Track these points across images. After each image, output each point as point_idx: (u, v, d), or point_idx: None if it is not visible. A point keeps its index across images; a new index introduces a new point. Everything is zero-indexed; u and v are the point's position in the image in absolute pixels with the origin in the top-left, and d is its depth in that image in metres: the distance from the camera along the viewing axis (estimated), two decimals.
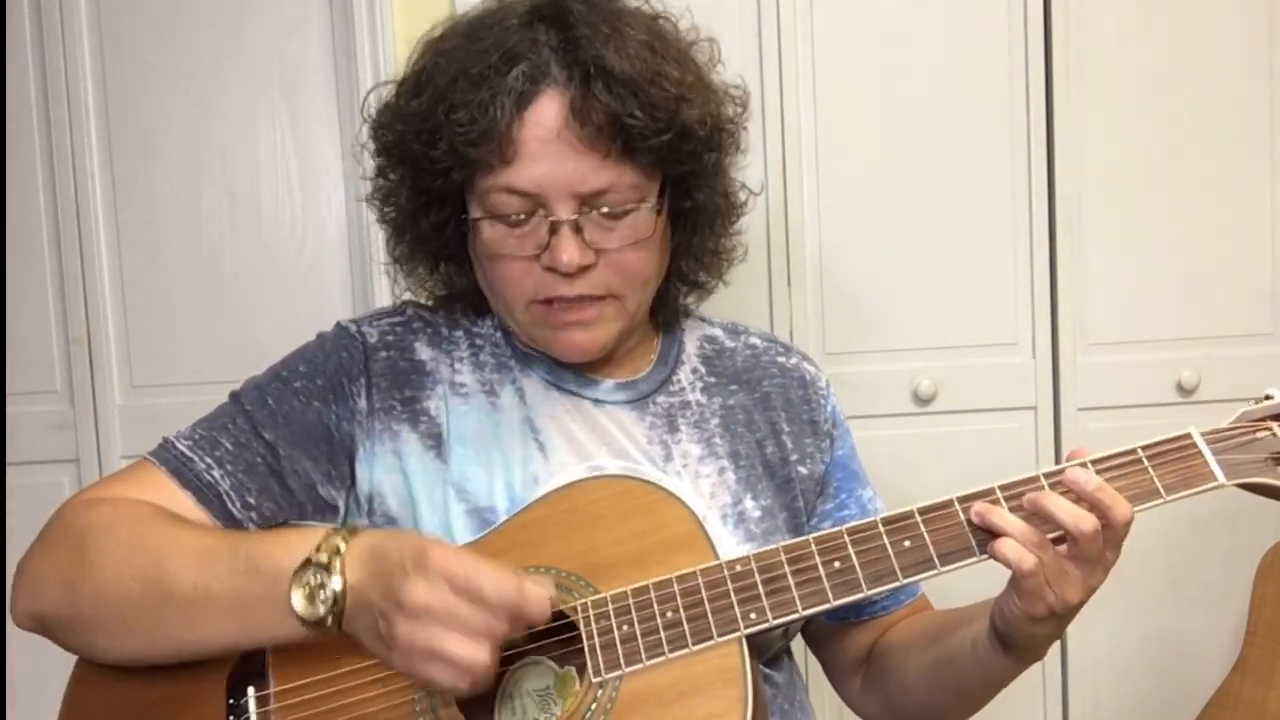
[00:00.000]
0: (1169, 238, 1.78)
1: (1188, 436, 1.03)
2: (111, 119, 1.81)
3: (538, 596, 0.92)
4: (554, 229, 1.07)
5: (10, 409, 1.82)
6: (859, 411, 1.74)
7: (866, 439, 1.44)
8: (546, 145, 1.06)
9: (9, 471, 1.77)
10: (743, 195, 1.23)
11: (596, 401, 1.16)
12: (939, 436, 1.79)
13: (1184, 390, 1.77)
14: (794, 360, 1.26)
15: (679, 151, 1.09)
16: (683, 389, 1.20)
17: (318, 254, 1.81)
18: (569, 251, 1.06)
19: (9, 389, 1.82)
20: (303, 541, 0.99)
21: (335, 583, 0.95)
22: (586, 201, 1.07)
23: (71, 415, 1.83)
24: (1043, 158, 1.77)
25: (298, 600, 0.96)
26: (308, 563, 0.97)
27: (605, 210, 1.08)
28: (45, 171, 1.82)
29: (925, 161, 1.77)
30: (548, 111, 1.06)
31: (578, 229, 1.07)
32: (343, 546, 0.97)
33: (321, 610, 0.95)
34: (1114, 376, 1.79)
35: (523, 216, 1.08)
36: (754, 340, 1.27)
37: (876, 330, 1.80)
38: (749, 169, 1.75)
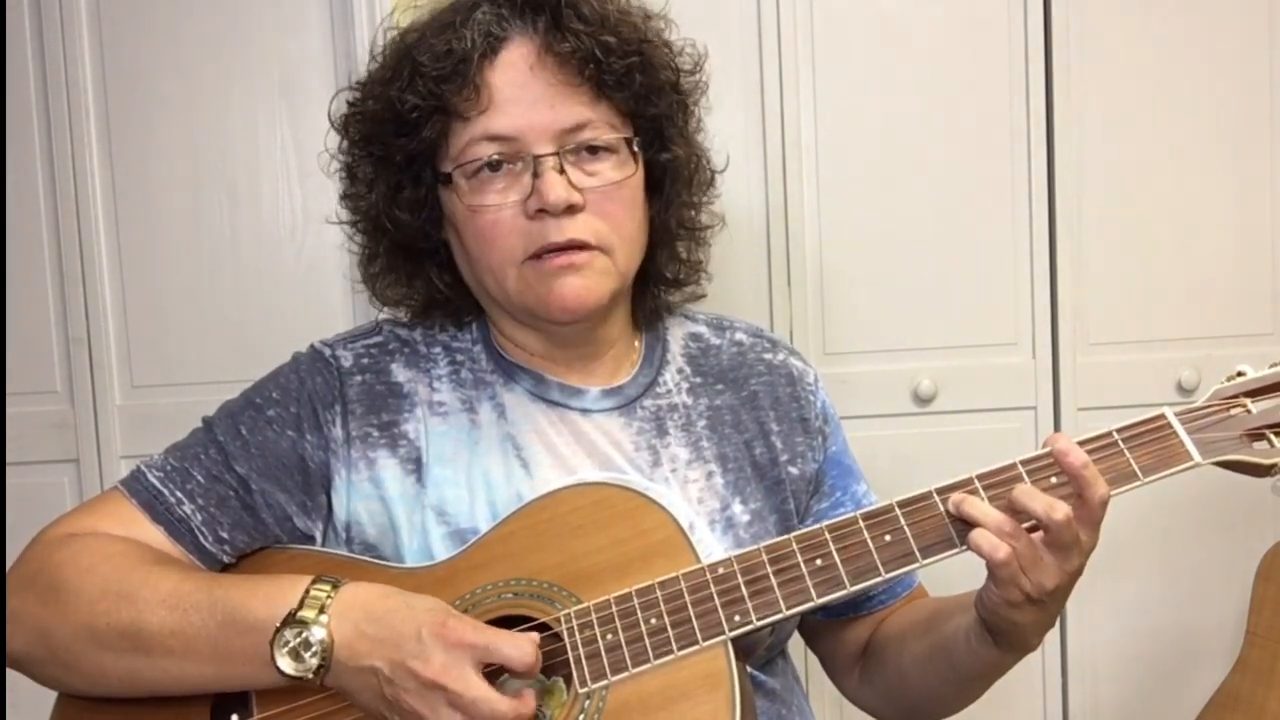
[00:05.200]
0: (1169, 238, 1.78)
1: (1162, 417, 1.02)
2: (111, 119, 1.81)
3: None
4: (537, 170, 1.07)
5: (10, 409, 1.82)
6: (859, 411, 1.74)
7: (866, 439, 1.44)
8: (521, 86, 1.07)
9: (9, 471, 1.77)
10: (708, 173, 1.23)
11: (584, 412, 1.15)
12: (939, 436, 1.79)
13: (1184, 390, 1.77)
14: (781, 356, 1.25)
15: (649, 89, 1.11)
16: (669, 391, 1.19)
17: (317, 254, 1.81)
18: (555, 188, 1.06)
19: (9, 389, 1.82)
20: (279, 592, 1.00)
21: (321, 638, 0.96)
22: (565, 142, 1.08)
23: (71, 415, 1.83)
24: (1043, 158, 1.77)
25: (284, 661, 0.97)
26: (289, 618, 0.97)
27: (585, 144, 1.08)
28: (45, 171, 1.82)
29: (925, 162, 1.77)
30: (519, 53, 1.08)
31: (561, 168, 1.07)
32: (327, 602, 0.98)
33: (313, 663, 0.96)
34: (1114, 376, 1.79)
35: (500, 157, 1.07)
36: (740, 336, 1.26)
37: (876, 330, 1.80)
38: (750, 170, 1.77)
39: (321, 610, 0.97)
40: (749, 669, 1.10)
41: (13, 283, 1.82)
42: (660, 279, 1.22)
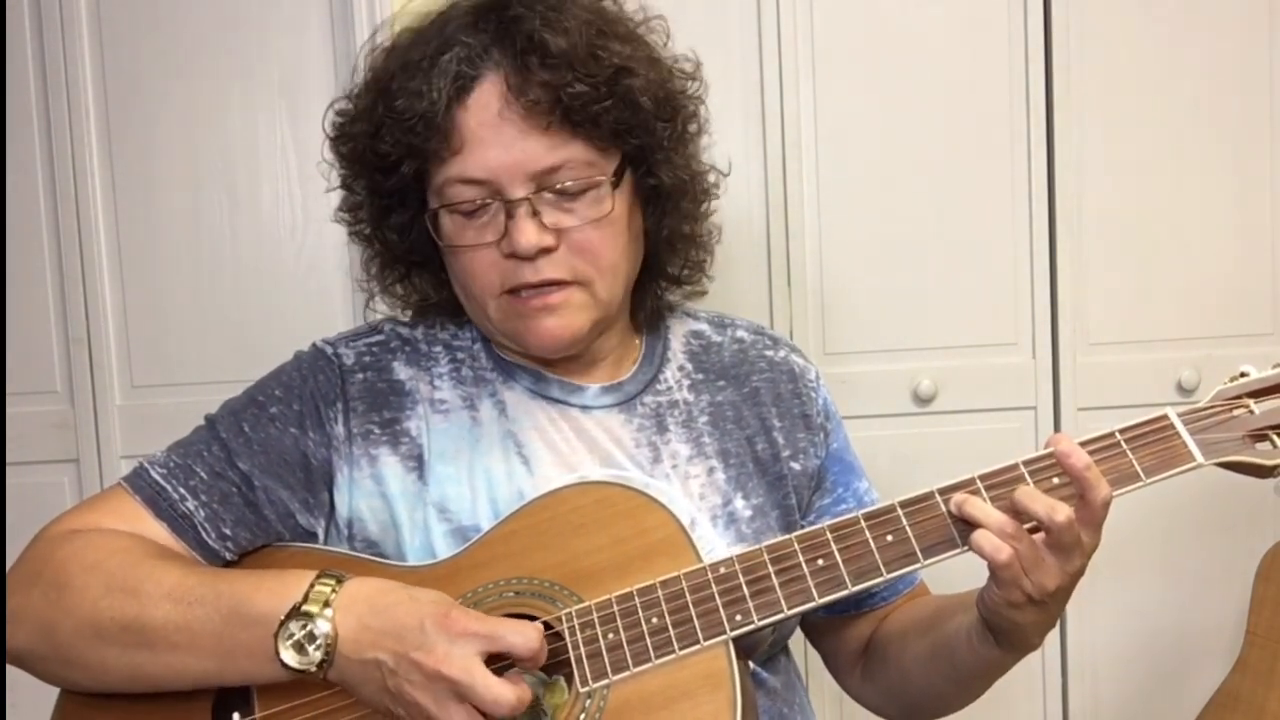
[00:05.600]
0: (1169, 238, 1.78)
1: (1164, 418, 1.02)
2: (111, 119, 1.81)
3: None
4: (510, 213, 1.06)
5: (10, 409, 1.82)
6: (859, 411, 1.74)
7: (867, 439, 1.44)
8: (491, 129, 1.06)
9: (9, 471, 1.77)
10: (711, 177, 1.22)
11: (584, 408, 1.15)
12: (939, 436, 1.79)
13: (1184, 390, 1.77)
14: (782, 353, 1.25)
15: (628, 124, 1.09)
16: (670, 388, 1.19)
17: (317, 253, 1.81)
18: (526, 233, 1.06)
19: (9, 389, 1.82)
20: (283, 586, 1.00)
21: (325, 631, 0.96)
22: (541, 182, 1.07)
23: (71, 415, 1.83)
24: (1043, 158, 1.77)
25: (287, 654, 0.97)
26: (294, 611, 0.97)
27: (560, 189, 1.07)
28: (45, 171, 1.82)
29: (925, 161, 1.77)
30: (489, 95, 1.06)
31: (534, 212, 1.06)
32: (332, 597, 0.98)
33: (316, 656, 0.96)
34: (1114, 376, 1.79)
35: (479, 203, 1.07)
36: (741, 333, 1.26)
37: (876, 330, 1.80)
38: (750, 170, 1.77)
39: (326, 604, 0.97)
40: (751, 665, 1.10)
41: (13, 283, 1.82)
42: (662, 275, 1.22)
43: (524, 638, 0.95)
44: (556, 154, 1.07)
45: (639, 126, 1.10)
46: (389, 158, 1.09)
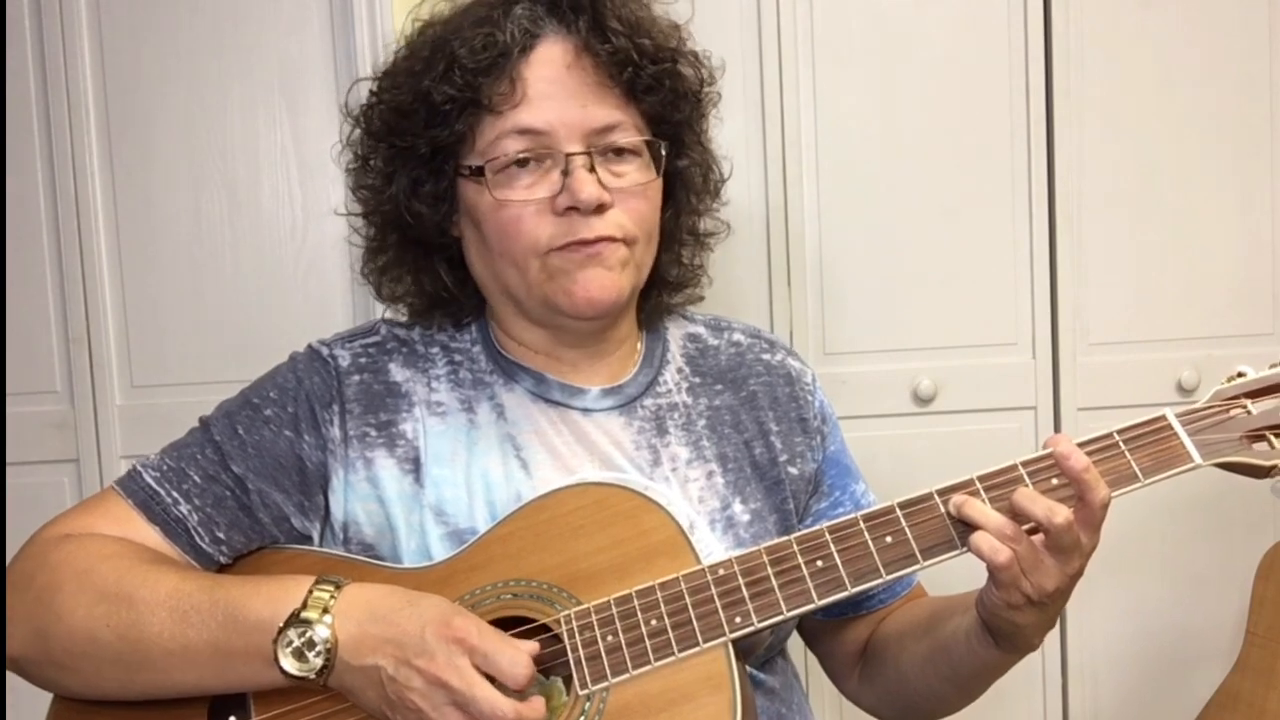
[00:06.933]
0: (1169, 238, 1.78)
1: (1162, 419, 1.02)
2: (111, 119, 1.81)
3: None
4: (568, 168, 1.07)
5: (10, 409, 1.82)
6: (859, 411, 1.74)
7: (866, 439, 1.44)
8: (556, 84, 1.08)
9: (9, 471, 1.77)
10: (715, 175, 1.23)
11: (585, 411, 1.15)
12: (939, 436, 1.79)
13: (1184, 390, 1.77)
14: (779, 356, 1.25)
15: (677, 95, 1.13)
16: (669, 390, 1.19)
17: (317, 253, 1.81)
18: (588, 186, 1.07)
19: (9, 389, 1.82)
20: (282, 591, 1.00)
21: (325, 637, 0.96)
22: (592, 142, 1.09)
23: (71, 415, 1.83)
24: (1043, 158, 1.77)
25: (287, 661, 0.96)
26: (293, 618, 0.97)
27: (614, 147, 1.09)
28: (45, 171, 1.82)
29: (925, 161, 1.77)
30: (554, 51, 1.09)
31: (591, 167, 1.08)
32: (331, 603, 0.98)
33: (317, 663, 0.96)
34: (1114, 376, 1.79)
35: (534, 153, 1.08)
36: (737, 336, 1.26)
37: (876, 330, 1.80)
38: (751, 170, 1.77)
39: (325, 610, 0.97)
40: (748, 668, 1.10)
41: (13, 283, 1.82)
42: (662, 282, 1.22)
43: (514, 668, 0.94)
44: (614, 114, 1.10)
45: (682, 99, 1.14)
46: (447, 106, 1.08)
